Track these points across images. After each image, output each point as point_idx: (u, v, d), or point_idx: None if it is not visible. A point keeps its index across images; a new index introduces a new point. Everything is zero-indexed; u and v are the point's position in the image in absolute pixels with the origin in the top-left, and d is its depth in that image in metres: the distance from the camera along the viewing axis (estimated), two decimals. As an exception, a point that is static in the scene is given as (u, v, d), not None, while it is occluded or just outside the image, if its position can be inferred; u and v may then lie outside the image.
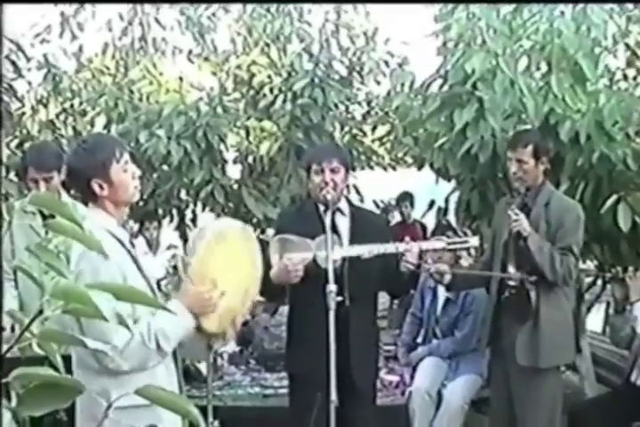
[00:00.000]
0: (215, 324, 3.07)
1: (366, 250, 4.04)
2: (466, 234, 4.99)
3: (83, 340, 1.47)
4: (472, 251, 4.95)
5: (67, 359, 1.66)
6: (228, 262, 3.08)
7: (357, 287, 4.08)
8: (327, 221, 3.94)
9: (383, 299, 6.39)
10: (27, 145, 7.48)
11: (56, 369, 1.42)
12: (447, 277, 4.62)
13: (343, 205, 4.30)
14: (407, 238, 4.17)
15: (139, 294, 1.47)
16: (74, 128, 8.34)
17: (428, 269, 4.69)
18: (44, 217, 4.20)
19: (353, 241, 4.18)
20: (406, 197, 9.07)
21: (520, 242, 4.47)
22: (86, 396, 2.67)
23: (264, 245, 4.07)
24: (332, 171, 4.17)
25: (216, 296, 2.99)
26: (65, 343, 1.49)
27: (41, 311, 1.41)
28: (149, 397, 1.44)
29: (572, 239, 4.48)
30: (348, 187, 7.80)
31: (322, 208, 4.18)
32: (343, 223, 4.26)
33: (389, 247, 4.06)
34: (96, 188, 2.94)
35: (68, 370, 2.50)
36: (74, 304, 1.38)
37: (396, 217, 9.06)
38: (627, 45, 5.88)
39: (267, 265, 4.08)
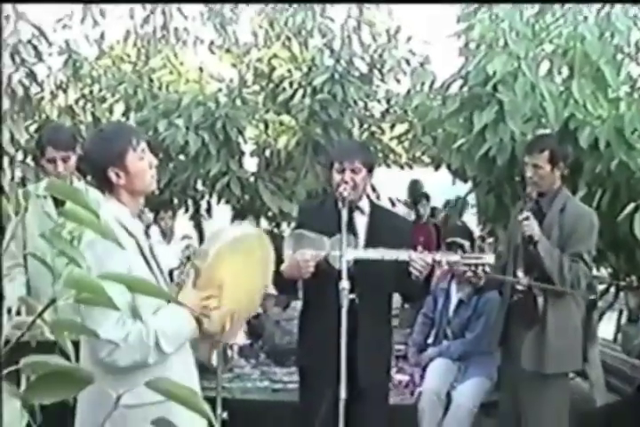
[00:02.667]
0: (217, 325, 3.04)
1: (379, 255, 4.02)
2: (483, 239, 4.96)
3: (94, 331, 1.46)
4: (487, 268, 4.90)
5: (76, 345, 1.66)
6: (239, 269, 3.04)
7: (368, 286, 4.07)
8: (343, 219, 3.93)
9: (395, 298, 6.38)
10: (45, 129, 7.50)
11: (67, 356, 1.43)
12: (483, 281, 4.64)
13: (364, 204, 4.29)
14: (420, 248, 4.15)
15: (151, 287, 1.47)
16: (93, 114, 8.34)
17: (464, 272, 4.70)
18: (56, 201, 4.22)
19: (369, 241, 4.17)
20: (422, 197, 9.06)
21: (530, 247, 4.46)
22: (90, 393, 2.69)
23: (278, 240, 4.07)
24: (353, 171, 4.16)
25: (212, 306, 2.93)
26: (77, 333, 1.49)
27: (54, 300, 1.41)
28: (160, 390, 1.43)
29: (583, 246, 4.46)
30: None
31: (340, 204, 4.18)
32: (361, 223, 4.25)
33: (402, 255, 4.02)
34: (112, 176, 2.93)
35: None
36: (86, 294, 1.38)
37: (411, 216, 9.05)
38: (650, 53, 5.84)
39: (279, 258, 4.09)
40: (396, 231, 4.26)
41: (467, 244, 5.69)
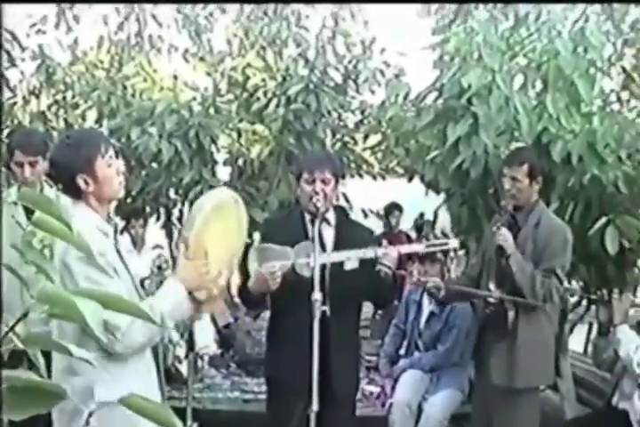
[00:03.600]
0: (204, 292, 3.08)
1: (345, 256, 4.02)
2: (446, 236, 4.93)
3: (67, 347, 1.44)
4: (452, 254, 4.90)
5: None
6: (221, 234, 3.11)
7: (339, 297, 4.03)
8: (315, 231, 3.91)
9: (366, 308, 6.38)
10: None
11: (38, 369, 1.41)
12: (442, 292, 4.64)
13: (330, 215, 4.26)
14: (385, 242, 4.16)
15: (124, 303, 1.46)
16: (65, 120, 8.30)
17: (425, 282, 4.72)
18: (27, 208, 4.18)
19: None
20: (394, 208, 9.10)
21: (502, 260, 4.47)
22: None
23: (249, 250, 4.05)
24: (323, 181, 4.14)
25: (213, 270, 3.03)
26: (49, 348, 1.47)
27: (26, 314, 1.40)
28: (132, 407, 1.42)
29: (557, 261, 4.47)
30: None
31: (308, 217, 4.17)
32: (328, 234, 4.22)
33: (368, 252, 4.03)
34: (81, 183, 2.93)
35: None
36: (59, 309, 1.37)
37: (381, 227, 9.08)
38: (623, 69, 5.89)
39: (245, 274, 4.06)
40: (363, 243, 4.26)
41: (440, 255, 5.70)
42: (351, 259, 4.02)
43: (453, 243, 4.25)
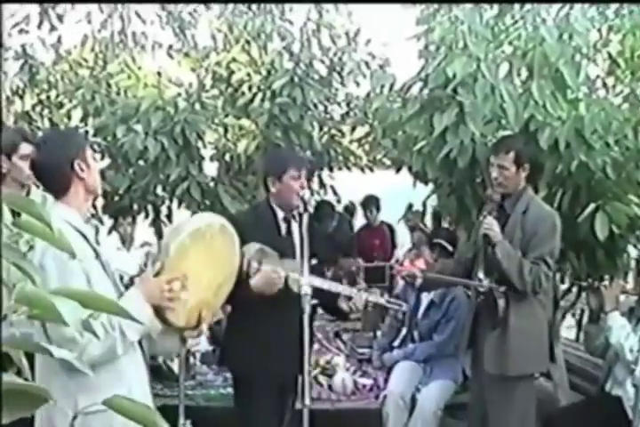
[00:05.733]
0: (183, 318, 3.05)
1: (326, 285, 4.22)
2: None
3: (49, 348, 1.42)
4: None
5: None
6: (204, 260, 3.07)
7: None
8: (304, 226, 3.96)
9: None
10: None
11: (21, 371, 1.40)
12: (419, 280, 4.66)
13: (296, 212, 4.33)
14: (355, 290, 4.43)
15: (105, 302, 1.44)
16: (50, 120, 8.25)
17: (399, 271, 4.78)
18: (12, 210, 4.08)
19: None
20: (371, 201, 9.10)
21: (489, 249, 4.47)
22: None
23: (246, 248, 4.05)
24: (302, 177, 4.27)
25: (177, 288, 2.92)
26: (30, 350, 1.44)
27: (5, 316, 1.38)
28: (116, 408, 1.40)
29: (545, 249, 4.47)
30: (324, 187, 7.80)
31: (281, 215, 4.23)
32: (297, 230, 4.29)
33: (346, 290, 4.35)
34: (78, 169, 2.94)
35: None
36: (38, 310, 1.35)
37: (362, 220, 9.13)
38: (609, 54, 5.87)
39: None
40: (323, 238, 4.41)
41: (450, 248, 5.70)
42: (330, 289, 4.25)
43: (404, 308, 4.74)
